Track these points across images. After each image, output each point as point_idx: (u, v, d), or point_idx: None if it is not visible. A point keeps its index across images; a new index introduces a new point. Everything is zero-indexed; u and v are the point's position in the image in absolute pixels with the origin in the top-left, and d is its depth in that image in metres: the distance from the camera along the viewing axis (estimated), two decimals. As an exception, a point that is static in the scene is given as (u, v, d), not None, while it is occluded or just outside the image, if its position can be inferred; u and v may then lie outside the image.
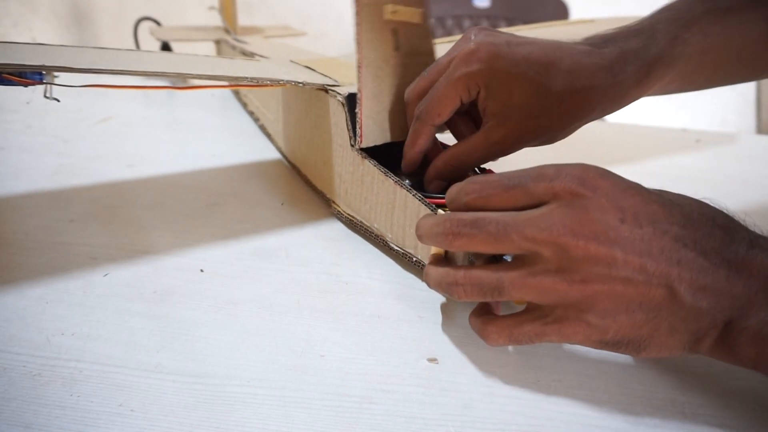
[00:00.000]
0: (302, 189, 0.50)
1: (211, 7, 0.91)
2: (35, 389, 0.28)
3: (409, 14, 0.39)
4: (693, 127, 0.76)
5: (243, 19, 0.93)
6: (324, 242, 0.42)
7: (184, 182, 0.51)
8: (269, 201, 0.48)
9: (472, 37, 0.36)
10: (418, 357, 0.31)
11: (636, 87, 0.38)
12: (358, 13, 0.37)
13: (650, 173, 0.58)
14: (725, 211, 0.27)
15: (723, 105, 1.96)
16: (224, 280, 0.37)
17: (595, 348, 0.27)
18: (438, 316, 0.34)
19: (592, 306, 0.25)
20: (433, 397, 0.28)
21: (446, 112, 0.36)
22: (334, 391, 0.28)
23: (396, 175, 0.37)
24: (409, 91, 0.39)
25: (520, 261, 0.27)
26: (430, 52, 0.41)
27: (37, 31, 1.20)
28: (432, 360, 0.31)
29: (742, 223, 0.27)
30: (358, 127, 0.39)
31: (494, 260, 0.30)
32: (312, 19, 1.71)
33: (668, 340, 0.26)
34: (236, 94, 0.78)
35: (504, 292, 0.27)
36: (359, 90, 0.38)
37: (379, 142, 0.40)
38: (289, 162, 0.55)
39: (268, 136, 0.62)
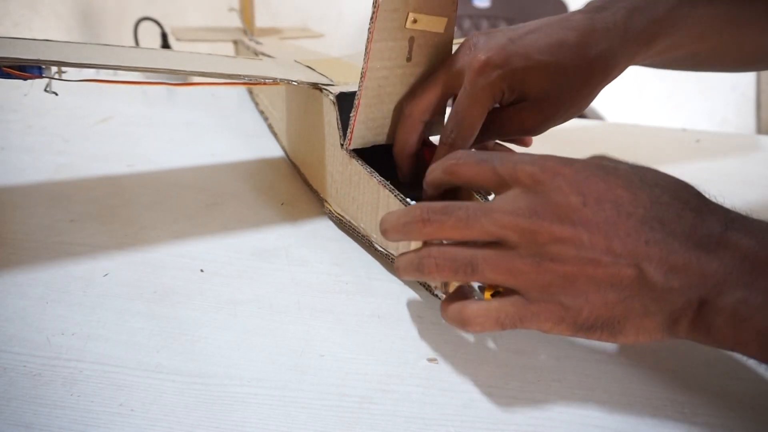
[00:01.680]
0: (302, 189, 0.50)
1: (231, 9, 0.91)
2: (35, 389, 0.28)
3: (433, 23, 0.36)
4: (693, 127, 0.76)
5: (237, 20, 0.93)
6: (324, 242, 0.42)
7: (184, 182, 0.51)
8: (269, 201, 0.48)
9: (475, 46, 0.37)
10: (418, 357, 0.31)
11: (645, 45, 0.38)
12: (374, 19, 0.34)
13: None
14: (704, 194, 0.27)
15: (723, 105, 1.96)
16: (224, 280, 0.37)
17: (572, 334, 0.27)
18: (438, 316, 0.34)
19: (564, 287, 0.26)
20: (433, 397, 0.28)
21: (476, 129, 0.37)
22: (334, 391, 0.28)
23: (393, 177, 0.37)
24: (413, 105, 0.38)
25: (493, 245, 0.27)
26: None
27: (37, 31, 1.20)
28: (432, 360, 0.31)
29: (718, 204, 0.27)
30: (349, 130, 0.38)
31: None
32: (312, 19, 1.71)
33: (644, 322, 0.26)
34: (250, 93, 0.78)
35: (477, 270, 0.27)
36: (358, 97, 0.37)
37: (368, 145, 0.40)
38: (290, 161, 0.55)
39: (275, 135, 0.62)
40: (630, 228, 0.25)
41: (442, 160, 0.31)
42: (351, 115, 0.38)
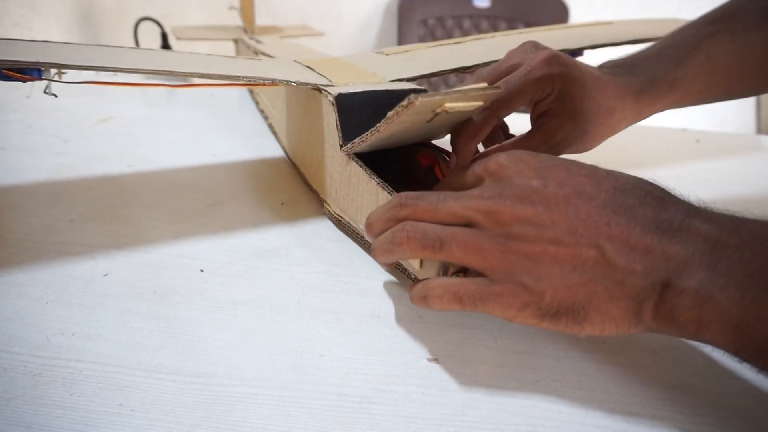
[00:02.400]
0: (302, 189, 0.50)
1: (232, 7, 0.92)
2: (35, 389, 0.28)
3: (464, 108, 0.32)
4: (693, 127, 0.76)
5: (238, 19, 0.93)
6: (324, 242, 0.42)
7: (184, 182, 0.51)
8: (269, 201, 0.48)
9: (537, 46, 0.39)
10: (418, 357, 0.31)
11: (646, 107, 0.42)
12: (398, 114, 0.31)
13: (650, 173, 0.58)
14: (665, 188, 0.28)
15: (723, 105, 1.96)
16: (224, 280, 0.37)
17: (537, 322, 0.27)
18: (438, 316, 0.34)
19: (527, 268, 0.26)
20: (433, 397, 0.28)
21: (516, 106, 0.37)
22: (334, 391, 0.28)
23: (391, 179, 0.37)
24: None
25: (464, 228, 0.28)
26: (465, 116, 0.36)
27: (37, 32, 1.20)
28: (432, 360, 0.31)
29: (681, 197, 0.27)
30: (359, 139, 0.37)
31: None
32: (312, 19, 1.71)
33: (609, 308, 0.26)
34: (251, 93, 0.78)
35: (445, 245, 0.28)
36: (366, 138, 0.36)
37: (366, 151, 0.39)
38: (290, 161, 0.55)
39: (275, 134, 0.63)
40: (591, 210, 0.26)
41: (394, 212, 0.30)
42: (362, 137, 0.37)
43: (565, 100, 0.38)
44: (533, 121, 0.40)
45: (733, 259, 0.24)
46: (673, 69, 0.42)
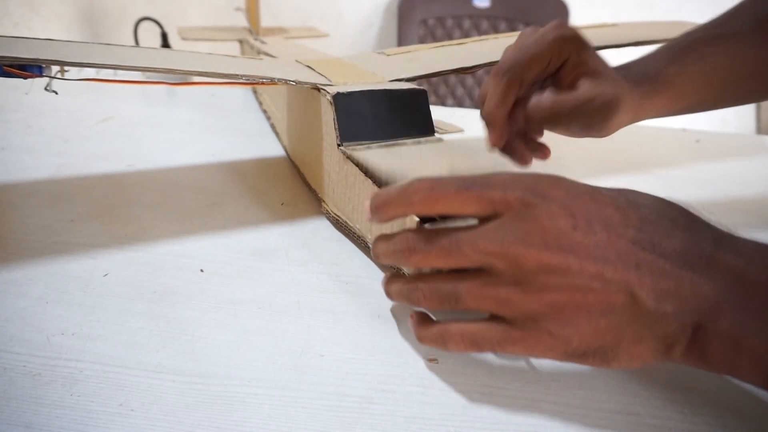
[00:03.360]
0: (302, 189, 0.50)
1: (238, 8, 0.92)
2: (35, 389, 0.28)
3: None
4: (693, 127, 0.76)
5: (241, 20, 0.93)
6: (324, 242, 0.42)
7: (184, 182, 0.51)
8: (269, 201, 0.48)
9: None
10: (418, 357, 0.31)
11: (644, 100, 0.41)
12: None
13: (650, 173, 0.58)
14: (688, 209, 0.27)
15: (723, 105, 1.96)
16: (224, 280, 0.37)
17: (562, 360, 0.26)
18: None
19: (552, 316, 0.25)
20: (433, 397, 0.28)
21: (535, 69, 0.37)
22: (334, 391, 0.28)
23: None
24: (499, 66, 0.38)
25: (479, 272, 0.26)
26: None
27: (37, 31, 1.20)
28: (432, 360, 0.31)
29: (705, 221, 0.26)
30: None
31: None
32: (312, 19, 1.71)
33: (637, 348, 0.25)
34: (254, 92, 0.78)
35: (461, 301, 0.27)
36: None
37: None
38: (291, 160, 0.55)
39: (277, 134, 0.63)
40: (620, 250, 0.24)
41: (411, 187, 0.27)
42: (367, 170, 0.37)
43: (588, 62, 0.37)
44: (565, 89, 0.38)
45: (764, 300, 0.23)
46: (666, 66, 0.42)
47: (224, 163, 0.56)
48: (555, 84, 0.39)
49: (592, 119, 0.38)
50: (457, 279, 0.27)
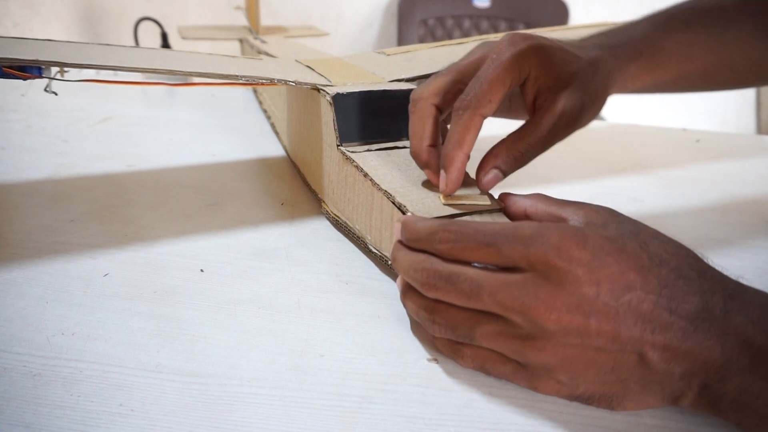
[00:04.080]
0: (302, 189, 0.50)
1: (237, 7, 0.92)
2: (35, 389, 0.28)
3: (473, 200, 0.34)
4: (693, 127, 0.76)
5: (241, 19, 0.93)
6: (324, 242, 0.42)
7: (184, 182, 0.51)
8: (269, 201, 0.48)
9: (495, 40, 0.36)
10: (418, 357, 0.31)
11: (630, 61, 0.39)
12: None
13: (650, 173, 0.58)
14: (702, 259, 0.27)
15: (723, 105, 1.96)
16: (224, 280, 0.37)
17: (567, 400, 0.28)
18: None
19: (563, 368, 0.26)
20: (433, 397, 0.28)
21: (497, 98, 0.33)
22: (334, 391, 0.28)
23: None
24: (422, 89, 0.36)
25: (495, 316, 0.27)
26: None
27: (37, 31, 1.20)
28: (432, 360, 0.31)
29: (718, 274, 0.27)
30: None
31: None
32: (312, 19, 1.71)
33: (644, 398, 0.26)
34: (255, 92, 0.78)
35: (475, 341, 0.28)
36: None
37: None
38: (291, 160, 0.55)
39: (277, 134, 0.63)
40: (638, 317, 0.25)
41: (436, 235, 0.28)
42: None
43: (550, 70, 0.35)
44: (530, 108, 0.37)
45: None
46: (652, 32, 0.40)
47: (224, 163, 0.56)
48: (518, 96, 0.37)
49: (570, 126, 0.37)
50: (473, 321, 0.28)
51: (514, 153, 0.35)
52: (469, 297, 0.27)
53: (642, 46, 0.40)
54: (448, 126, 0.34)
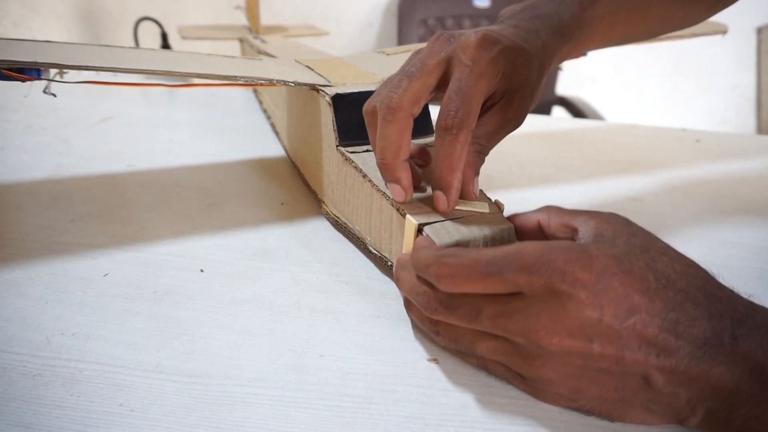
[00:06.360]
0: (302, 189, 0.50)
1: (237, 7, 0.92)
2: (35, 389, 0.28)
3: (473, 207, 0.34)
4: (693, 127, 0.76)
5: (241, 19, 0.93)
6: (324, 242, 0.42)
7: (184, 182, 0.51)
8: (269, 201, 0.48)
9: (457, 34, 0.34)
10: (418, 357, 0.31)
11: (565, 42, 0.38)
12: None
13: (650, 173, 0.58)
14: (712, 277, 0.27)
15: (723, 105, 1.96)
16: (224, 280, 0.37)
17: (569, 409, 0.28)
18: (438, 316, 0.34)
19: (564, 384, 0.26)
20: (433, 397, 0.28)
21: (479, 109, 0.33)
22: (334, 391, 0.28)
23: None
24: (402, 95, 0.32)
25: (496, 335, 0.27)
26: None
27: (37, 32, 1.20)
28: (432, 360, 0.31)
29: (727, 294, 0.26)
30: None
31: None
32: (312, 19, 1.71)
33: (646, 418, 0.27)
34: (255, 92, 0.78)
35: (476, 355, 0.29)
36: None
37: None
38: (291, 160, 0.55)
39: (277, 134, 0.63)
40: (643, 341, 0.24)
41: (434, 270, 0.27)
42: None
43: (511, 76, 0.34)
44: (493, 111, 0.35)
45: None
46: (581, 11, 0.38)
47: (224, 163, 0.56)
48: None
49: (515, 127, 0.36)
50: (475, 338, 0.28)
51: (480, 156, 0.35)
52: (469, 321, 0.27)
53: (572, 28, 0.38)
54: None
